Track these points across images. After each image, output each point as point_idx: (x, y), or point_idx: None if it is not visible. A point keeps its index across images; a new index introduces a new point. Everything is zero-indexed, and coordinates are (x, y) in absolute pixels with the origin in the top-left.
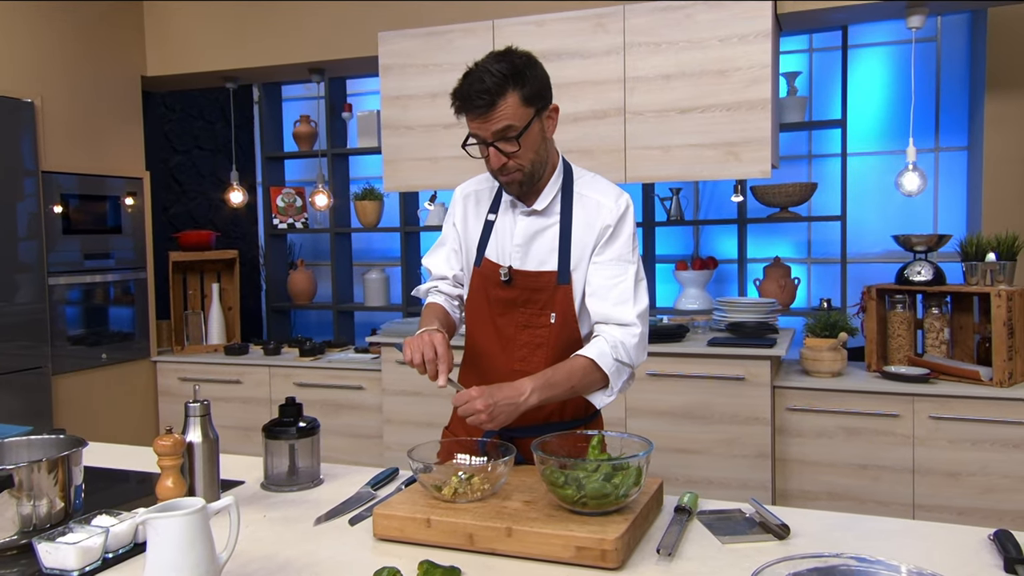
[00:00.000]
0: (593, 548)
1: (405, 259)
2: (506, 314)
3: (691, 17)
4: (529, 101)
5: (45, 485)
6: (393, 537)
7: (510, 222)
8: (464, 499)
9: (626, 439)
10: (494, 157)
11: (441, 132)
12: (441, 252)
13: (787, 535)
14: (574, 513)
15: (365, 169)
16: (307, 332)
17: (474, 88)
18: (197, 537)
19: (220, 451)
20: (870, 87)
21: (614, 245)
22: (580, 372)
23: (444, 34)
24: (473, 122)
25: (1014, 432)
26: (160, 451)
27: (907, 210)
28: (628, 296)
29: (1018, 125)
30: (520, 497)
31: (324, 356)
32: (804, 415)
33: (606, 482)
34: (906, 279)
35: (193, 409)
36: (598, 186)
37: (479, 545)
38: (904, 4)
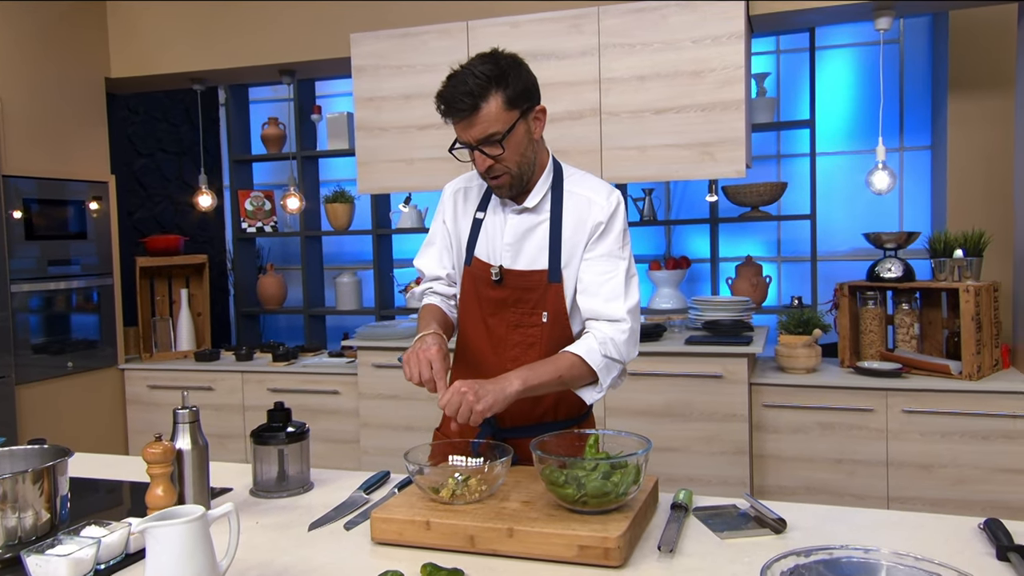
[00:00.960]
0: (596, 547)
1: (377, 262)
2: (497, 314)
3: (665, 19)
4: (513, 103)
5: (31, 496)
6: (391, 541)
7: (500, 220)
8: (462, 501)
9: (624, 437)
10: (479, 160)
11: (416, 134)
12: (432, 252)
13: (784, 529)
14: (574, 512)
15: (335, 171)
16: (277, 337)
17: (457, 91)
18: (198, 545)
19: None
20: (836, 88)
21: (605, 241)
22: (567, 366)
23: (418, 35)
24: (457, 125)
25: (983, 424)
26: (150, 459)
27: (873, 208)
28: (619, 292)
29: (980, 124)
30: (518, 498)
31: (298, 361)
32: (781, 411)
33: (605, 480)
34: (877, 276)
35: (182, 415)
36: (589, 183)
37: (480, 547)
38: (872, 6)
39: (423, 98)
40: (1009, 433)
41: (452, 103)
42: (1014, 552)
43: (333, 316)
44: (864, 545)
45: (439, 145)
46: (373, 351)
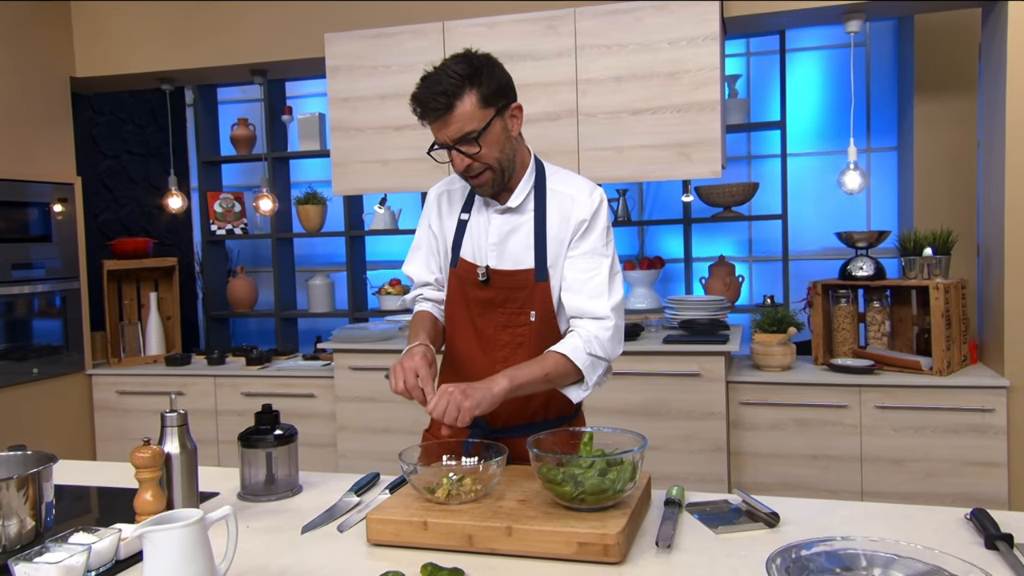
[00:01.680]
0: (595, 543)
1: (351, 264)
2: (485, 314)
3: (641, 20)
4: (488, 101)
5: (15, 503)
6: (388, 542)
7: (484, 221)
8: (457, 501)
9: (618, 434)
10: (457, 160)
11: (392, 134)
12: (419, 257)
13: (777, 523)
14: (571, 510)
15: (306, 173)
16: (247, 341)
17: (431, 91)
18: (197, 549)
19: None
20: (804, 90)
21: (588, 239)
22: (552, 364)
23: (393, 35)
24: (433, 125)
25: (953, 418)
26: (138, 463)
27: (842, 208)
28: (603, 289)
29: (946, 126)
30: (513, 496)
31: (271, 364)
32: (757, 408)
33: (602, 478)
34: (849, 274)
35: (170, 419)
36: (571, 181)
37: (478, 546)
38: (842, 9)
39: (399, 98)
40: (978, 427)
41: (426, 103)
42: (1002, 541)
43: (305, 319)
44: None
45: (415, 146)
46: (350, 353)
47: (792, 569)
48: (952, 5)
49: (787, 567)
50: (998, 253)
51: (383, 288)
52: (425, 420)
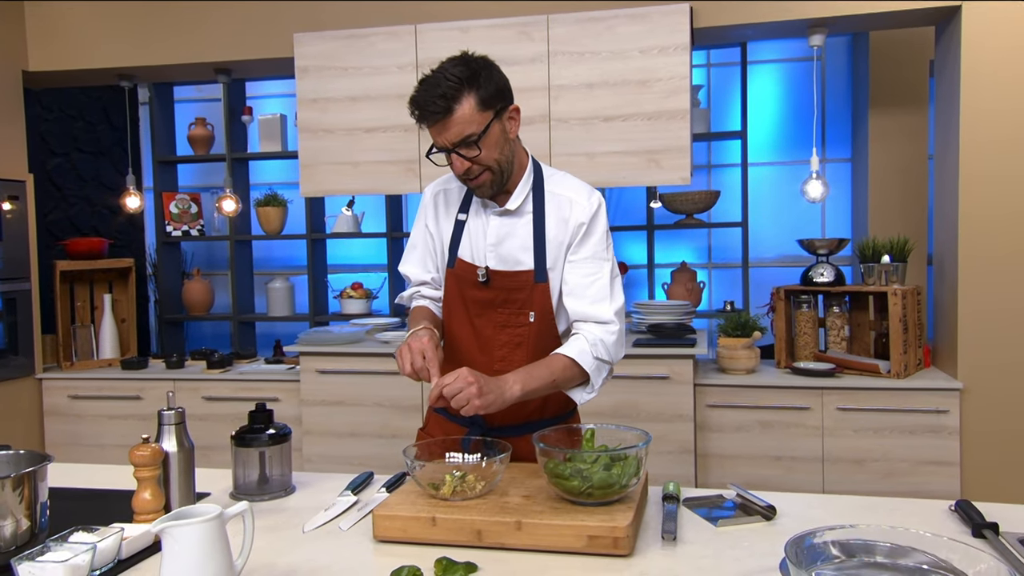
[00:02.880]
0: (605, 536)
1: (312, 267)
2: (484, 315)
3: (612, 29)
4: (486, 103)
5: (11, 503)
6: (394, 538)
7: (482, 222)
8: (461, 497)
9: (621, 431)
10: (457, 162)
11: (363, 136)
12: (415, 257)
13: (774, 516)
14: (576, 504)
15: (265, 175)
16: (201, 345)
17: (430, 94)
18: (216, 544)
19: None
20: (761, 102)
21: (588, 243)
22: (560, 368)
23: (365, 37)
24: (432, 129)
25: (910, 420)
26: (137, 462)
27: (797, 217)
28: (605, 294)
29: (898, 139)
30: (517, 492)
31: (233, 368)
32: (723, 411)
33: (608, 472)
34: (811, 280)
35: (167, 417)
36: (569, 184)
37: (488, 540)
38: (807, 23)
39: (370, 100)
40: (933, 427)
41: (426, 107)
42: (988, 529)
43: (263, 323)
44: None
45: (386, 148)
46: (316, 356)
47: (807, 554)
48: (908, 22)
49: (803, 552)
50: (951, 262)
51: (345, 292)
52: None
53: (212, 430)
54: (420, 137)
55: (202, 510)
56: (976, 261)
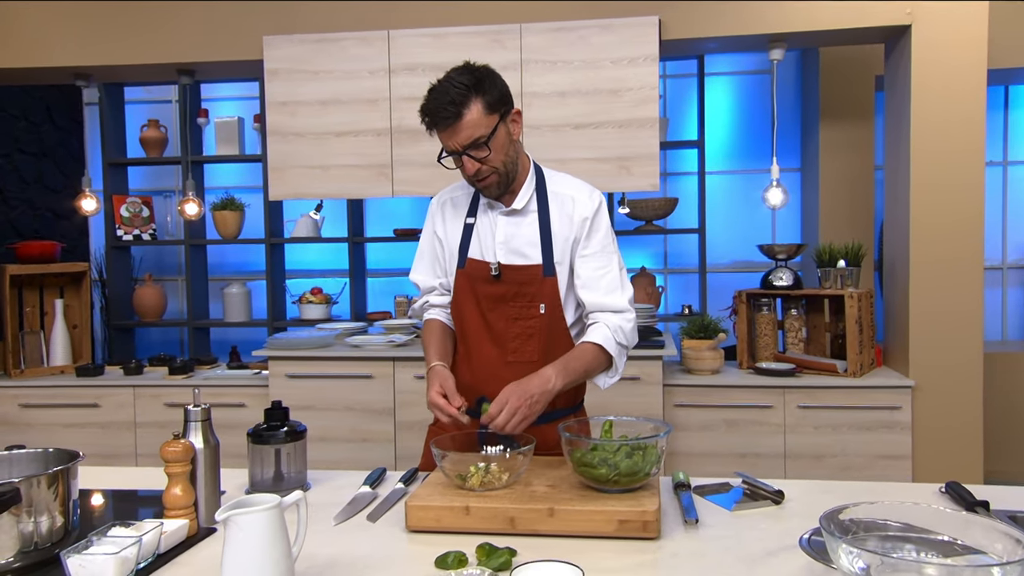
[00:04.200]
0: (635, 520)
1: (270, 272)
2: (496, 309)
3: (584, 39)
4: (492, 107)
5: (47, 500)
6: (428, 528)
7: (491, 222)
8: (489, 487)
9: (639, 422)
10: (468, 164)
11: (333, 140)
12: (423, 265)
13: (782, 500)
14: (602, 492)
15: (220, 178)
16: (150, 352)
17: (440, 102)
18: (277, 532)
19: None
20: (713, 112)
21: (596, 237)
22: (591, 357)
23: (337, 41)
24: (444, 134)
25: (865, 416)
26: (169, 457)
27: (748, 224)
28: (616, 284)
29: (847, 150)
30: (541, 483)
31: (195, 374)
32: (690, 410)
33: (632, 460)
34: (770, 284)
35: (194, 414)
36: (571, 183)
37: (520, 528)
38: (768, 38)
39: (341, 104)
40: (887, 423)
41: (437, 113)
42: (980, 507)
43: (218, 329)
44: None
45: (357, 152)
46: (286, 361)
47: (839, 527)
48: (861, 39)
49: (838, 526)
50: (903, 266)
51: (304, 297)
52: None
53: None
54: (392, 142)
55: (261, 499)
56: (926, 266)
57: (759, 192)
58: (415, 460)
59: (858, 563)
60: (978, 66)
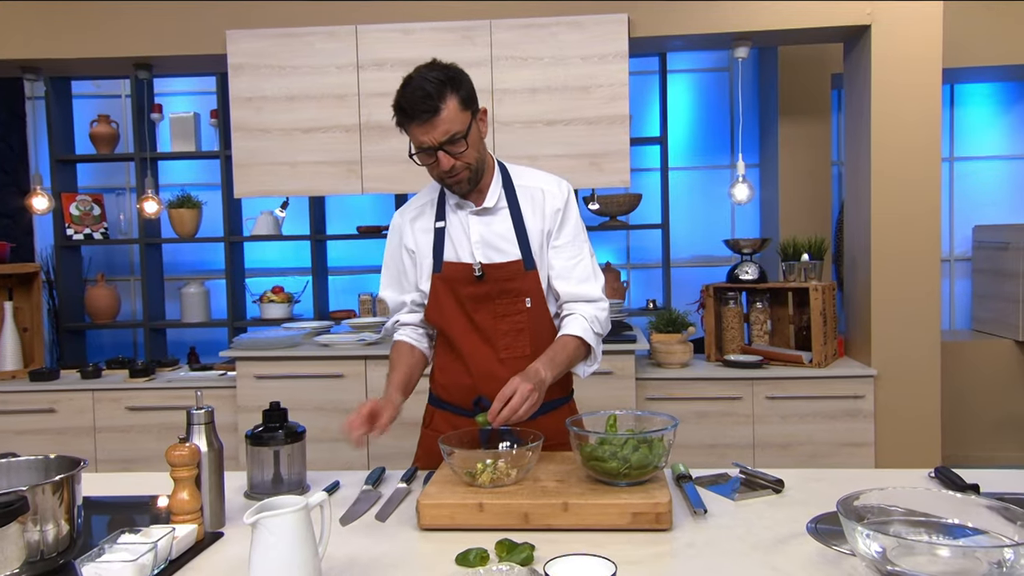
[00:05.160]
0: (648, 512)
1: (230, 271)
2: (481, 308)
3: (555, 36)
4: (466, 104)
5: (53, 508)
6: (441, 525)
7: (461, 223)
8: (498, 484)
9: (646, 416)
10: (444, 160)
11: (300, 136)
12: (390, 280)
13: (782, 489)
14: (611, 485)
15: (175, 175)
16: (102, 355)
17: (417, 95)
18: (305, 534)
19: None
20: (673, 109)
21: (566, 228)
22: (573, 348)
23: (303, 36)
24: (419, 129)
25: (830, 405)
26: (175, 461)
27: (707, 219)
28: (589, 274)
29: (805, 146)
30: (548, 478)
31: (157, 376)
32: (662, 403)
33: (645, 452)
34: (736, 278)
35: (197, 416)
36: (537, 176)
37: (535, 523)
38: (733, 36)
39: (308, 100)
40: (850, 412)
41: (415, 107)
42: (971, 490)
43: (175, 330)
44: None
45: (325, 149)
46: (254, 361)
47: (854, 511)
48: (822, 39)
49: (852, 512)
50: (864, 260)
51: (265, 296)
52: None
53: (138, 442)
54: (361, 138)
55: (287, 501)
56: (887, 258)
57: (718, 187)
58: (388, 459)
59: (874, 546)
60: (933, 64)
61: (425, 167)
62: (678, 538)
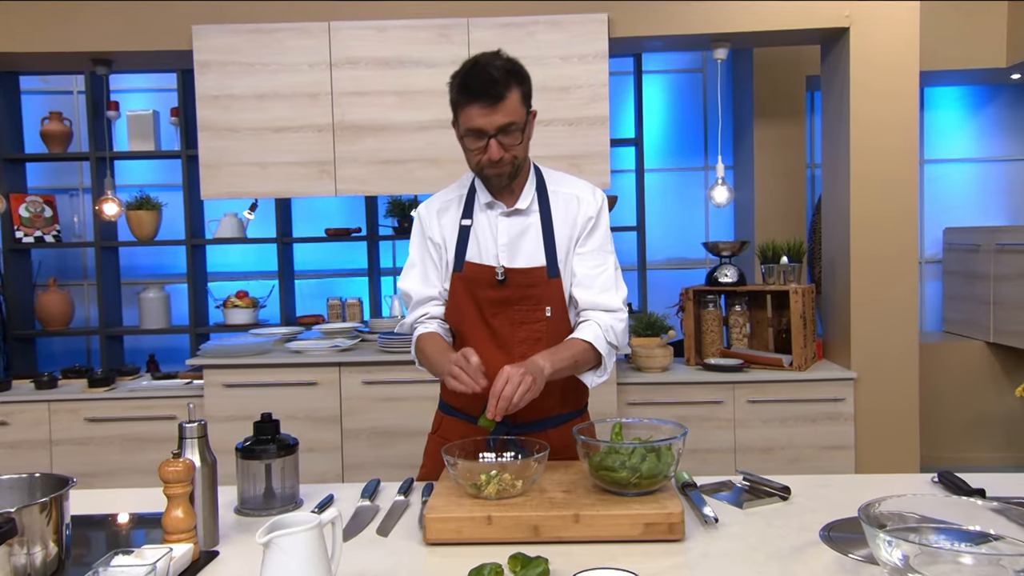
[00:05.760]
0: (661, 522)
1: (192, 275)
2: (499, 313)
3: (533, 35)
4: (526, 100)
5: (41, 529)
6: (449, 540)
7: (490, 223)
8: (506, 495)
9: (652, 424)
10: (494, 148)
11: (271, 136)
12: (416, 273)
13: (789, 496)
14: (620, 495)
15: (132, 175)
16: (53, 363)
17: (482, 79)
18: (319, 552)
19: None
20: (647, 110)
21: (595, 236)
22: (580, 351)
23: (273, 32)
24: (478, 111)
25: (811, 409)
26: (170, 477)
27: (681, 222)
28: (611, 284)
29: (780, 147)
30: (555, 488)
31: (118, 386)
32: (643, 408)
33: (657, 461)
34: (716, 281)
35: (189, 430)
36: (571, 182)
37: (545, 535)
38: (711, 37)
39: (279, 99)
40: (831, 415)
41: (483, 87)
42: (977, 495)
43: (133, 336)
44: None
45: (297, 149)
46: (223, 369)
47: (876, 518)
48: (800, 41)
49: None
50: (843, 261)
51: (229, 301)
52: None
53: (99, 455)
54: (335, 138)
55: (299, 519)
56: (866, 260)
57: (692, 189)
58: (363, 469)
59: (897, 553)
60: (911, 66)
61: (467, 153)
62: (691, 548)
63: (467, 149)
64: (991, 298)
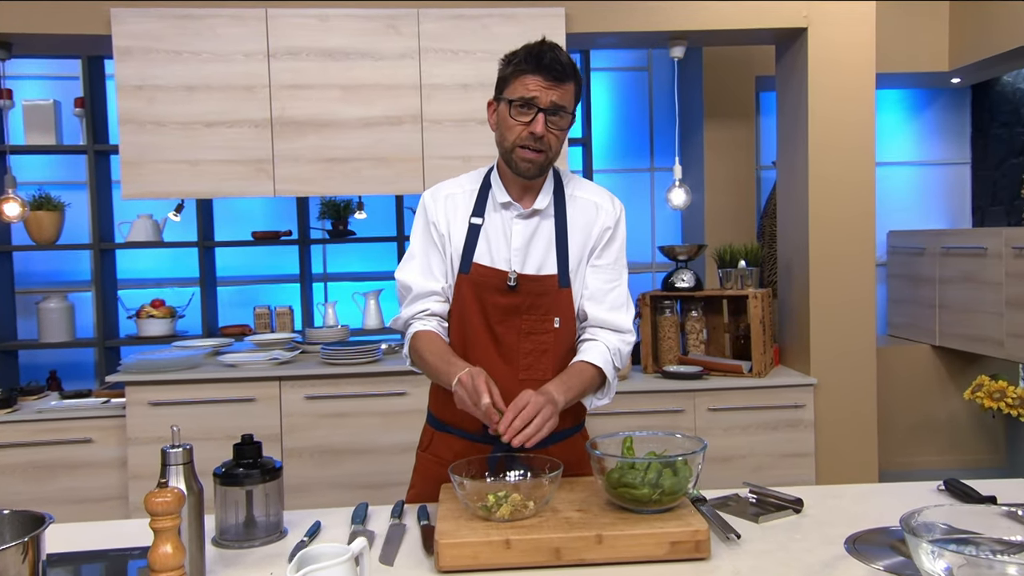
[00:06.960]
0: (687, 540)
1: (99, 282)
2: (506, 321)
3: (487, 28)
4: (576, 96)
5: (17, 572)
6: (464, 567)
7: (503, 224)
8: (515, 517)
9: (664, 437)
10: (539, 124)
11: (203, 131)
12: (418, 264)
13: (802, 508)
14: (638, 513)
15: (27, 172)
16: None
17: (549, 55)
18: None
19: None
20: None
21: (611, 249)
22: (588, 377)
23: (203, 19)
24: (540, 82)
25: (772, 416)
26: (158, 510)
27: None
28: (622, 302)
29: (731, 149)
30: (568, 508)
31: (21, 407)
32: (606, 418)
33: (676, 477)
34: (672, 286)
35: (174, 456)
36: (591, 188)
37: (566, 558)
38: (668, 35)
39: (211, 91)
40: (791, 422)
41: (551, 63)
42: (988, 502)
43: (30, 351)
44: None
45: (232, 146)
46: (148, 386)
47: (920, 528)
48: (757, 40)
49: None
50: (801, 266)
51: (143, 310)
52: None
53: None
54: (273, 135)
55: (329, 551)
56: (825, 263)
57: (639, 191)
58: (305, 490)
59: (941, 564)
60: (867, 66)
61: (506, 129)
62: (720, 567)
63: (509, 123)
64: (936, 301)
